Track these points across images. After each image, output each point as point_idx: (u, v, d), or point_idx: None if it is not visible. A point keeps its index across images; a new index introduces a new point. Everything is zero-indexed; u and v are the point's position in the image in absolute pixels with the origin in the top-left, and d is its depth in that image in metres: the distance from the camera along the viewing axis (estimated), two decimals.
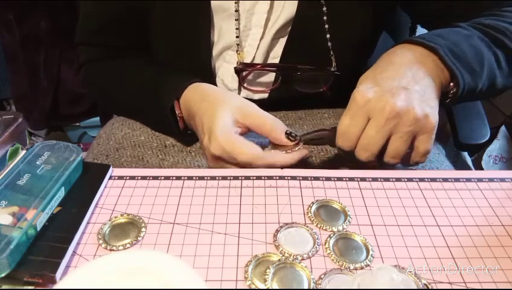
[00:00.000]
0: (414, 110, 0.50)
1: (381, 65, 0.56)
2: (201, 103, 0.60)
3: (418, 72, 0.54)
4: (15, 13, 1.32)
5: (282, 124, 0.57)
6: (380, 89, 0.52)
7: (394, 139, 0.52)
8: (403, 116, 0.50)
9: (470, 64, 0.57)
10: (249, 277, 0.40)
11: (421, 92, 0.52)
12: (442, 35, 0.59)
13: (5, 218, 0.41)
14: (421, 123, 0.51)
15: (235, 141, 0.55)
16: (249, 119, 0.57)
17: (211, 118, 0.57)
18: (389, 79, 0.53)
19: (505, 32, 0.61)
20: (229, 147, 0.54)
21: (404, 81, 0.52)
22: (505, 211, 0.49)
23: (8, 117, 0.52)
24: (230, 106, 0.57)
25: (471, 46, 0.58)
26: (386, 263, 0.42)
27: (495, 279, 0.40)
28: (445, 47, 0.56)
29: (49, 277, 0.39)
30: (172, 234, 0.45)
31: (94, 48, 0.77)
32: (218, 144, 0.55)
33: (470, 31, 0.60)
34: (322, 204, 0.49)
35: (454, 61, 0.56)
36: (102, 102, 0.91)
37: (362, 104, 0.52)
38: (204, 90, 0.62)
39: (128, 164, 0.66)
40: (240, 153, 0.54)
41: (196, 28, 0.69)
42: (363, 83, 0.54)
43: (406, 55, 0.56)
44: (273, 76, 0.71)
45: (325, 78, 0.70)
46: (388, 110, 0.50)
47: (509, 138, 1.53)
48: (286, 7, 0.68)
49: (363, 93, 0.52)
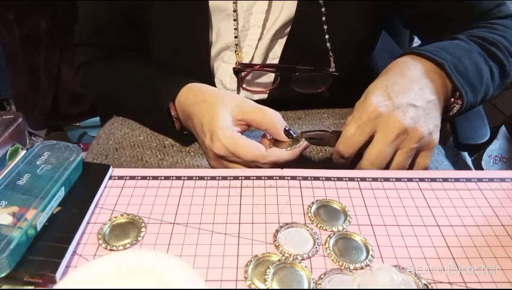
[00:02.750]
0: (421, 128, 0.53)
1: (391, 76, 0.57)
2: (197, 104, 0.60)
3: (426, 89, 0.56)
4: (15, 13, 1.32)
5: (281, 119, 0.58)
6: (392, 103, 0.53)
7: (399, 154, 0.54)
8: (410, 133, 0.53)
9: (472, 81, 0.59)
10: (249, 277, 0.40)
11: (427, 110, 0.55)
12: (446, 49, 0.60)
13: (5, 218, 0.41)
14: (425, 141, 0.54)
15: (237, 140, 0.55)
16: (248, 115, 0.57)
17: (210, 118, 0.57)
18: (400, 93, 0.54)
19: (498, 45, 0.63)
20: (232, 147, 0.55)
21: (414, 97, 0.54)
22: (505, 211, 0.49)
23: (8, 117, 0.52)
24: (228, 105, 0.58)
25: (472, 62, 0.60)
26: (386, 263, 0.42)
27: (495, 279, 0.40)
28: (450, 63, 0.58)
29: (49, 277, 0.39)
30: (172, 234, 0.45)
31: (93, 49, 0.77)
32: (221, 144, 0.55)
33: (469, 45, 0.62)
34: (322, 204, 0.49)
35: (459, 78, 0.58)
36: (101, 102, 0.92)
37: (373, 117, 0.53)
38: (198, 90, 0.62)
39: (128, 163, 0.66)
40: (243, 152, 0.54)
41: (194, 29, 0.69)
42: (374, 93, 0.55)
43: (417, 69, 0.58)
44: (272, 76, 0.71)
45: (324, 79, 0.70)
46: (398, 127, 0.52)
47: (509, 138, 1.53)
48: (285, 8, 0.68)
49: (376, 106, 0.53)
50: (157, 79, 0.68)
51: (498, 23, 0.67)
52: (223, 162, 0.57)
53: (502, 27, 0.66)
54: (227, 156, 0.56)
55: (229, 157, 0.56)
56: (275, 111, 0.58)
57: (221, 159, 0.57)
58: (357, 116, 0.54)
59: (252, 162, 0.55)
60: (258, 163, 0.55)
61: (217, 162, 0.58)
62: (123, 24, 0.73)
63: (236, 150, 0.54)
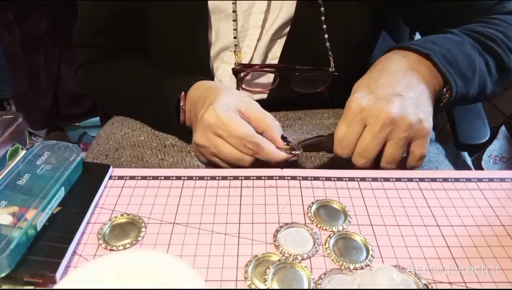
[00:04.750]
0: (408, 116, 0.52)
1: (375, 72, 0.57)
2: (208, 89, 0.61)
3: (411, 78, 0.55)
4: (15, 13, 1.32)
5: (279, 127, 0.57)
6: (375, 96, 0.53)
7: (389, 145, 0.53)
8: (397, 122, 0.52)
9: (462, 71, 0.58)
10: (249, 277, 0.40)
11: (415, 98, 0.53)
12: (435, 42, 0.60)
13: (5, 218, 0.41)
14: (415, 129, 0.52)
15: (232, 115, 0.55)
16: (251, 111, 0.57)
17: (214, 96, 0.57)
18: (383, 86, 0.54)
19: (495, 39, 0.62)
20: (225, 118, 0.54)
21: (398, 88, 0.53)
22: (505, 211, 0.49)
23: (8, 117, 0.52)
24: (235, 96, 0.58)
25: (463, 53, 0.59)
26: (386, 263, 0.42)
27: (495, 279, 0.40)
28: (438, 53, 0.57)
29: (49, 277, 0.39)
30: (172, 234, 0.45)
31: (92, 49, 0.77)
32: (215, 112, 0.54)
33: (461, 38, 0.62)
34: (322, 204, 0.49)
35: (447, 67, 0.57)
36: (101, 102, 0.92)
37: (357, 112, 0.52)
38: (210, 86, 0.63)
39: (128, 163, 0.66)
40: (234, 126, 0.54)
41: (193, 29, 0.69)
42: (357, 90, 0.55)
43: (400, 62, 0.57)
44: (271, 77, 0.71)
45: (324, 79, 0.70)
46: (383, 117, 0.51)
47: (509, 138, 1.53)
48: (284, 8, 0.68)
49: (358, 101, 0.53)
50: (166, 74, 0.69)
51: (498, 18, 0.66)
52: (208, 135, 0.55)
53: (501, 22, 0.65)
54: (216, 126, 0.54)
55: (217, 129, 0.54)
56: (275, 119, 0.58)
57: (208, 131, 0.55)
58: (343, 116, 0.54)
59: (239, 140, 0.54)
60: (245, 141, 0.53)
61: (203, 134, 0.56)
62: (122, 24, 0.73)
63: (229, 121, 0.54)
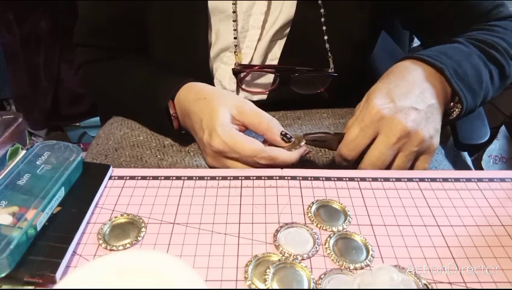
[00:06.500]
0: (422, 131, 0.53)
1: (393, 80, 0.57)
2: (197, 102, 0.60)
3: (426, 92, 0.56)
4: (15, 13, 1.32)
5: (278, 124, 0.58)
6: (394, 106, 0.54)
7: (400, 157, 0.54)
8: (411, 136, 0.53)
9: (471, 85, 0.59)
10: (249, 277, 0.40)
11: (428, 113, 0.55)
12: (446, 54, 0.60)
13: (5, 218, 0.41)
14: (426, 144, 0.54)
15: (236, 136, 0.55)
16: (246, 117, 0.57)
17: (210, 115, 0.57)
18: (402, 96, 0.55)
19: (497, 48, 0.63)
20: (231, 141, 0.55)
21: (416, 101, 0.55)
22: (505, 211, 0.49)
23: (8, 117, 0.52)
24: (227, 104, 0.58)
25: (471, 65, 0.60)
26: (386, 263, 0.42)
27: (495, 279, 0.40)
28: (450, 68, 0.58)
29: (49, 277, 0.39)
30: (172, 234, 0.45)
31: (92, 49, 0.77)
32: (220, 139, 0.55)
33: (469, 48, 0.62)
34: (322, 204, 0.49)
35: (458, 82, 0.58)
36: (101, 102, 0.92)
37: (376, 120, 0.53)
38: (199, 89, 0.62)
39: (127, 163, 0.66)
40: (242, 147, 0.55)
41: (193, 29, 0.69)
42: (377, 96, 0.55)
43: (418, 73, 0.58)
44: (271, 77, 0.71)
45: (323, 80, 0.70)
46: (400, 129, 0.52)
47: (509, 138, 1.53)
48: (284, 9, 0.68)
49: (379, 108, 0.53)
50: (157, 78, 0.68)
51: (497, 24, 0.67)
52: (220, 159, 0.57)
53: (501, 29, 0.66)
54: (225, 152, 0.55)
55: (227, 154, 0.56)
56: (272, 118, 0.58)
57: (219, 156, 0.57)
58: (359, 119, 0.54)
59: (250, 158, 0.55)
60: (256, 158, 0.55)
61: (215, 159, 0.58)
62: (122, 24, 0.73)
63: (235, 144, 0.55)
